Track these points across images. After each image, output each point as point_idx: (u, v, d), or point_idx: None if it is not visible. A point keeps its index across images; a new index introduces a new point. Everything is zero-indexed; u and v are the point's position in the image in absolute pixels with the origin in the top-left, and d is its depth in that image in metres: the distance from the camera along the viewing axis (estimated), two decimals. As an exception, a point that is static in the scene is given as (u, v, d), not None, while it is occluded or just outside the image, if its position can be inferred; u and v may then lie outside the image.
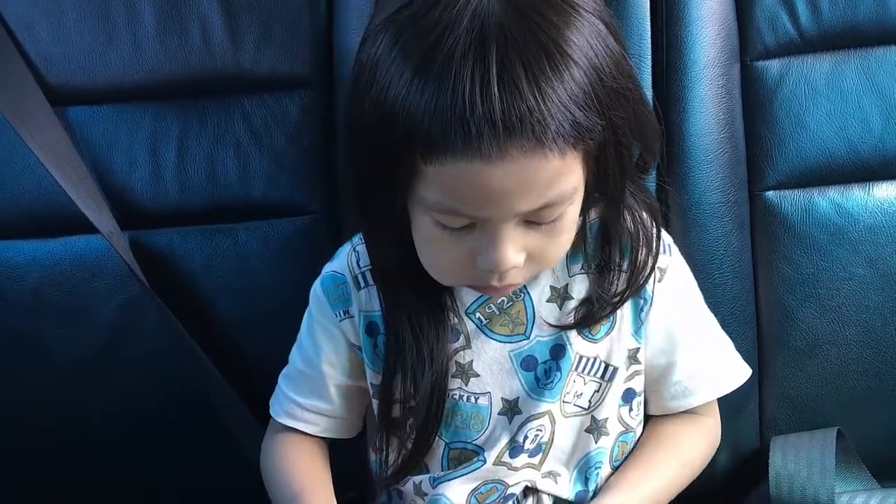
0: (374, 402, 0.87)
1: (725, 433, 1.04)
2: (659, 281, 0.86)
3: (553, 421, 0.85)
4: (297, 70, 1.05)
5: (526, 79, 0.66)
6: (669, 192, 1.03)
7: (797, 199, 1.04)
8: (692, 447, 0.90)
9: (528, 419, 0.84)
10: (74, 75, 1.04)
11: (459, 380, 0.85)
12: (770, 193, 1.05)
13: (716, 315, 1.02)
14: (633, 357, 0.87)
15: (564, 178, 0.71)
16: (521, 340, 0.85)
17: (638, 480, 0.86)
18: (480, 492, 0.85)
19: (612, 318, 0.85)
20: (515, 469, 0.85)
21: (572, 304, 0.84)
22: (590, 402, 0.86)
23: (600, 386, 0.85)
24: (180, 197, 1.05)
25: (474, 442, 0.85)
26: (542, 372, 0.84)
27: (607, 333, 0.85)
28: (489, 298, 0.84)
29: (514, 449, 0.84)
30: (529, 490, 0.85)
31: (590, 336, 0.85)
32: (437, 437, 0.85)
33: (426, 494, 0.86)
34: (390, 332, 0.83)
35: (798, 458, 1.02)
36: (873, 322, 1.05)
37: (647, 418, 0.91)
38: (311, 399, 0.90)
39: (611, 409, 0.86)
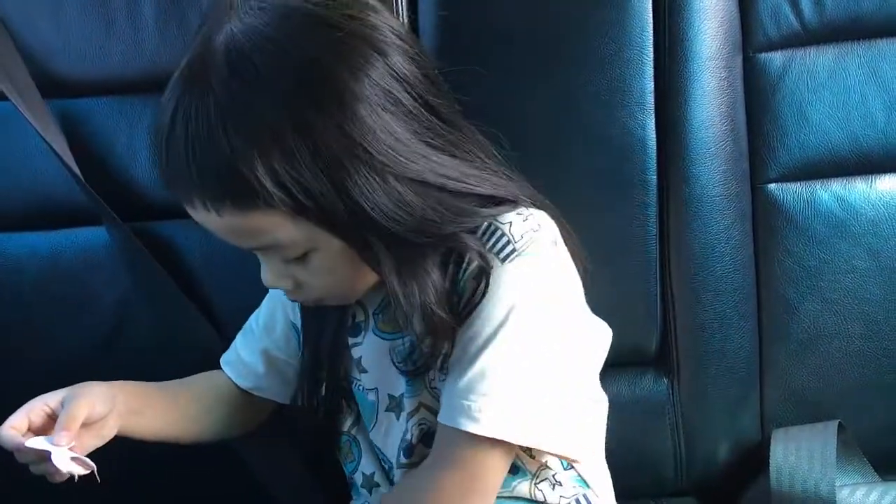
0: None
1: (726, 426, 1.05)
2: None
3: (432, 412, 0.81)
4: (298, 62, 1.04)
5: (174, 143, 0.74)
6: (670, 185, 1.02)
7: (799, 192, 1.04)
8: None
9: (411, 413, 0.83)
10: (74, 67, 1.04)
11: (357, 371, 0.87)
12: (772, 186, 1.04)
13: (717, 308, 1.03)
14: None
15: (269, 232, 0.74)
16: (399, 337, 0.84)
17: None
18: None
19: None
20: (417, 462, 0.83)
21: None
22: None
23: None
24: (180, 189, 1.05)
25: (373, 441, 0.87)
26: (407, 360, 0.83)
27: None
28: (388, 300, 0.81)
29: (406, 450, 0.84)
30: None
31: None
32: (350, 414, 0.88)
33: (378, 485, 0.88)
34: (302, 314, 0.90)
35: (799, 451, 1.02)
36: (875, 315, 1.05)
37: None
38: (247, 355, 0.94)
39: None
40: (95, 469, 0.79)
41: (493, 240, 0.77)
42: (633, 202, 1.01)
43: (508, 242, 0.77)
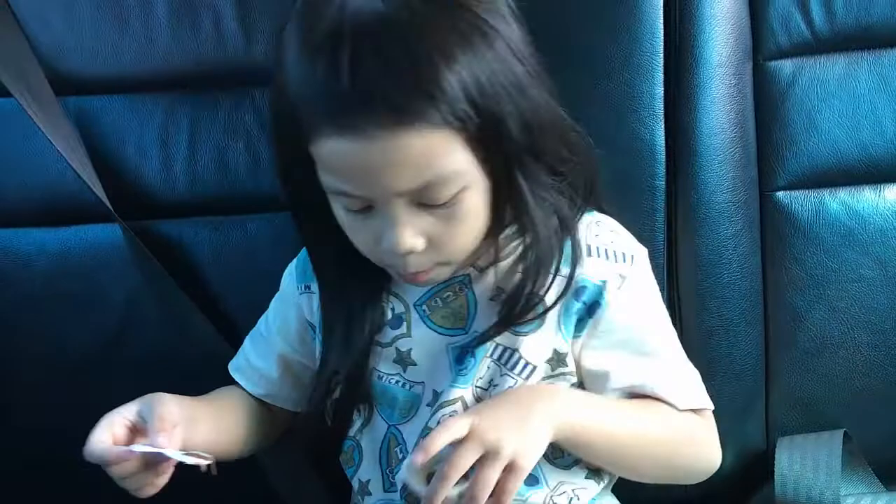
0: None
1: (731, 434, 1.04)
2: (618, 288, 0.83)
3: (466, 408, 0.83)
4: (309, 63, 1.05)
5: (377, 58, 0.70)
6: (679, 191, 1.02)
7: (808, 200, 1.04)
8: (655, 410, 0.84)
9: (441, 405, 0.84)
10: (86, 65, 1.04)
11: (399, 366, 0.86)
12: (780, 194, 1.04)
13: (723, 315, 1.03)
14: (559, 360, 0.83)
15: (439, 159, 0.72)
16: (460, 334, 0.84)
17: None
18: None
19: (539, 319, 0.83)
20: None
21: (507, 304, 0.83)
22: (477, 385, 0.84)
23: (516, 382, 0.83)
24: (190, 188, 1.05)
25: (398, 426, 0.86)
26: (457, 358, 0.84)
27: (534, 330, 0.83)
28: (435, 292, 0.85)
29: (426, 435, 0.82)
30: None
31: (514, 328, 0.83)
32: (371, 415, 0.87)
33: (370, 494, 0.88)
34: (325, 312, 0.87)
35: (804, 460, 1.02)
36: (882, 324, 1.04)
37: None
38: (259, 361, 0.94)
39: None
40: (214, 459, 0.80)
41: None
42: (641, 207, 1.01)
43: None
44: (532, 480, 0.83)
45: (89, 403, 1.07)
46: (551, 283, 0.81)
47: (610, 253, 0.84)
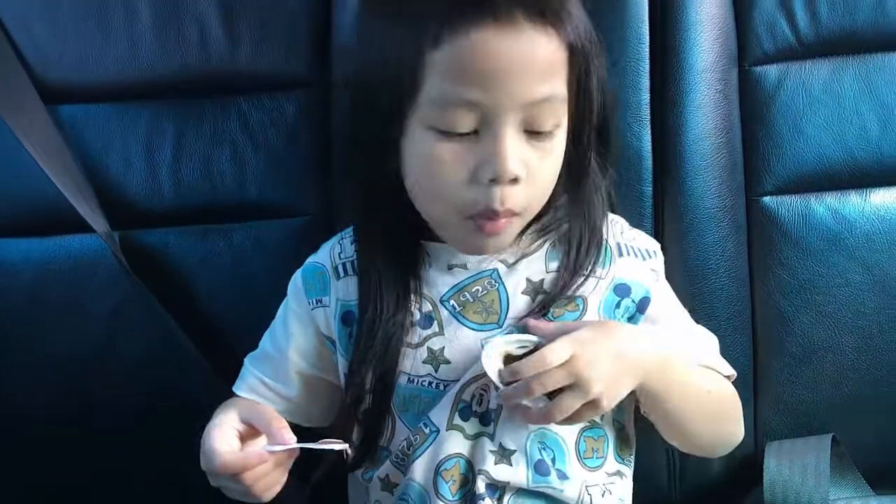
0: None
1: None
2: (657, 280, 0.89)
3: (497, 386, 0.82)
4: (294, 70, 1.04)
5: None
6: (666, 197, 1.02)
7: (794, 205, 1.04)
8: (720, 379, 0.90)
9: (471, 381, 0.84)
10: (70, 73, 1.04)
11: (430, 366, 0.85)
12: (767, 199, 1.04)
13: (711, 320, 1.02)
14: None
15: (556, 77, 0.77)
16: (493, 328, 0.85)
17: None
18: (445, 468, 0.84)
19: (579, 309, 0.85)
20: (470, 437, 0.84)
21: (542, 297, 0.85)
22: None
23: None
24: (175, 196, 1.05)
25: (428, 415, 0.85)
26: None
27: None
28: (463, 287, 0.85)
29: (463, 410, 0.84)
30: (491, 486, 0.84)
31: (550, 318, 0.85)
32: (394, 423, 0.86)
33: (396, 485, 0.87)
34: (362, 316, 0.86)
35: (792, 465, 1.02)
36: (869, 328, 1.05)
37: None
38: (275, 381, 0.92)
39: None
40: (349, 445, 0.82)
41: None
42: (628, 213, 1.01)
43: None
44: (562, 476, 0.84)
45: (74, 411, 1.08)
46: (588, 276, 0.85)
47: (639, 251, 0.89)
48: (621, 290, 0.87)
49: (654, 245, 0.91)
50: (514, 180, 0.77)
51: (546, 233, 0.87)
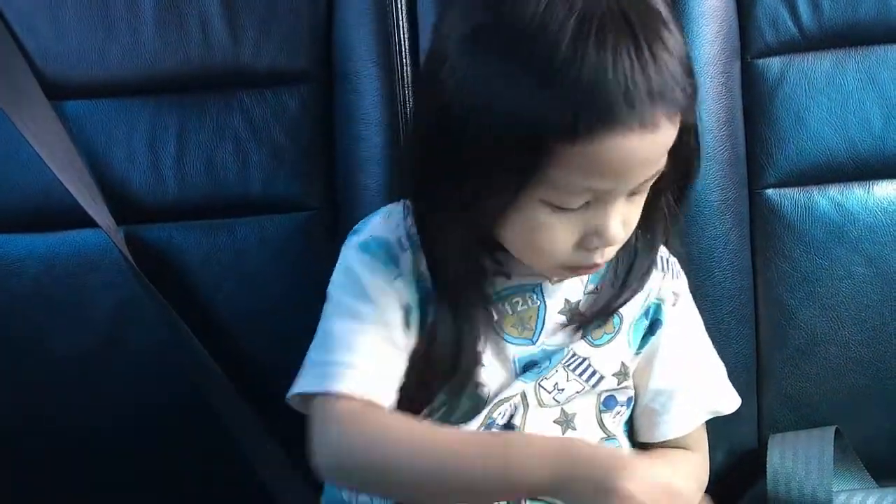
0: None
1: (723, 431, 1.04)
2: (673, 305, 0.88)
3: (526, 405, 0.83)
4: (297, 65, 1.04)
5: (666, 51, 0.71)
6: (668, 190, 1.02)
7: (797, 198, 1.04)
8: (685, 478, 0.85)
9: (502, 401, 0.83)
10: (73, 69, 1.04)
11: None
12: (770, 192, 1.04)
13: (714, 313, 1.03)
14: (623, 372, 0.86)
15: (665, 151, 0.75)
16: (526, 345, 0.84)
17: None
18: None
19: (615, 329, 0.86)
20: None
21: (577, 318, 0.85)
22: (567, 398, 0.85)
23: (583, 388, 0.85)
24: (179, 192, 1.05)
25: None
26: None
27: (607, 343, 0.85)
28: (505, 297, 0.84)
29: (489, 426, 0.83)
30: None
31: (590, 339, 0.85)
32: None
33: None
34: (439, 313, 0.81)
35: (796, 457, 1.02)
36: (872, 321, 1.05)
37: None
38: (380, 366, 0.80)
39: (584, 408, 0.86)
40: None
41: None
42: (630, 206, 1.01)
43: None
44: None
45: (78, 405, 1.08)
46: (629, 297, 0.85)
47: (667, 266, 0.88)
48: (651, 311, 0.87)
49: (679, 268, 0.90)
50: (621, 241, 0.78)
51: None
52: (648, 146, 0.72)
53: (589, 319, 0.84)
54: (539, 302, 0.84)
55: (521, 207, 0.75)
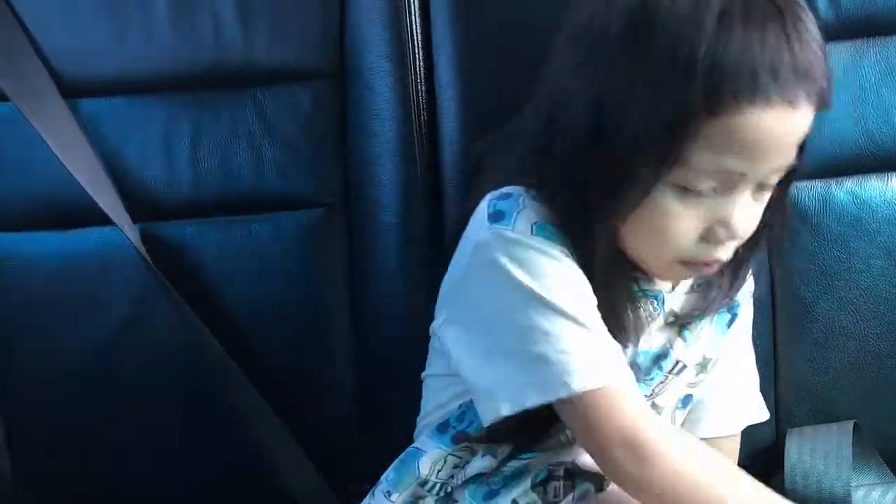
0: None
1: (741, 425, 1.04)
2: (746, 301, 0.91)
3: None
4: (310, 61, 1.04)
5: (809, 33, 0.74)
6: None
7: (814, 190, 1.03)
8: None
9: None
10: (87, 67, 1.04)
11: None
12: (787, 184, 1.04)
13: (732, 306, 1.02)
14: (703, 364, 0.88)
15: (800, 138, 0.76)
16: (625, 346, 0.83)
17: None
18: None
19: (702, 326, 0.87)
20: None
21: (677, 320, 0.86)
22: (653, 390, 0.86)
23: (666, 379, 0.86)
24: (193, 189, 1.05)
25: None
26: (643, 374, 0.85)
27: (696, 339, 0.87)
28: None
29: None
30: (568, 471, 0.85)
31: (685, 339, 0.86)
32: None
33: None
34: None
35: (814, 452, 1.01)
36: (891, 314, 1.04)
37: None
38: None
39: (665, 401, 0.87)
40: None
41: None
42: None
43: None
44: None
45: (97, 399, 1.09)
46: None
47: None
48: (732, 305, 0.89)
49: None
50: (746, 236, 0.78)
51: None
52: (787, 126, 0.73)
53: (688, 321, 0.85)
54: (659, 311, 0.84)
55: (653, 194, 0.75)
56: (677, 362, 0.86)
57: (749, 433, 1.05)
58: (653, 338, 0.85)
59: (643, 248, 0.79)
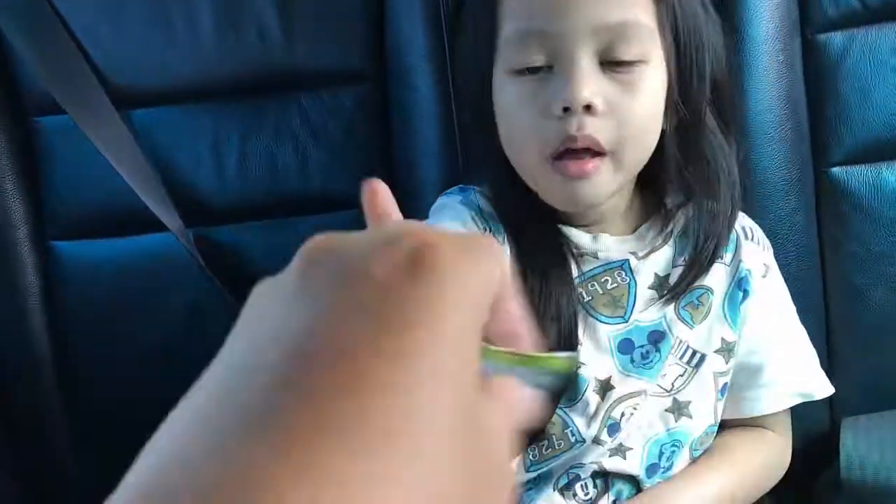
0: None
1: (796, 415, 1.02)
2: (763, 276, 0.87)
3: (645, 400, 0.84)
4: (351, 64, 1.06)
5: None
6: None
7: (864, 175, 1.01)
8: (747, 454, 0.88)
9: (623, 398, 0.83)
10: (136, 78, 1.07)
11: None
12: (836, 170, 1.02)
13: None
14: (729, 349, 0.86)
15: (636, 4, 0.75)
16: (619, 323, 0.84)
17: (684, 487, 0.85)
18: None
19: (706, 308, 0.85)
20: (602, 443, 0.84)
21: (667, 291, 0.84)
22: (672, 384, 0.85)
23: (685, 371, 0.85)
24: (243, 192, 1.08)
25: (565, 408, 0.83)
26: (639, 355, 0.84)
27: (702, 321, 0.85)
28: (593, 275, 0.84)
29: (612, 427, 0.83)
30: (598, 473, 0.85)
31: (689, 322, 0.85)
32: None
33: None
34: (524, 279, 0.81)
35: (869, 441, 0.99)
36: (947, 299, 1.01)
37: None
38: None
39: (697, 395, 0.85)
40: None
41: None
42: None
43: None
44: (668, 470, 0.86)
45: (154, 402, 1.12)
46: (711, 264, 0.84)
47: (752, 236, 0.88)
48: (742, 282, 0.86)
49: (766, 239, 0.89)
50: (589, 108, 0.74)
51: (671, 220, 0.85)
52: None
53: (676, 295, 0.84)
54: (629, 279, 0.84)
55: (499, 89, 0.79)
56: (687, 349, 0.84)
57: (804, 421, 1.04)
58: (646, 311, 0.84)
59: (516, 155, 0.80)
